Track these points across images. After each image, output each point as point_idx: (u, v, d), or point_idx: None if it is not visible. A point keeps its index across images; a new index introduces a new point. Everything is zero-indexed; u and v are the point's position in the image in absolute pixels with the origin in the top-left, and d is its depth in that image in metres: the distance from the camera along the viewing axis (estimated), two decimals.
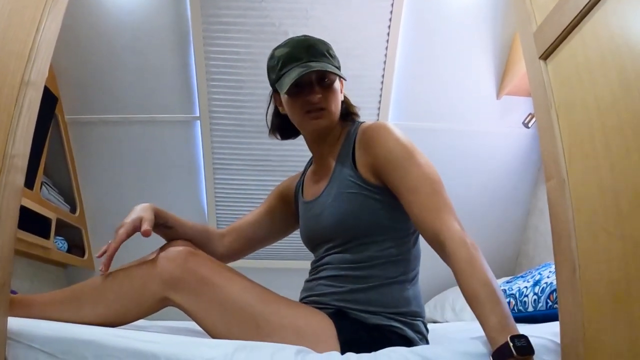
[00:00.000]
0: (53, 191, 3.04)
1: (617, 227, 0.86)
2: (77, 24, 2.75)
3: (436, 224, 1.23)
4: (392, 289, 1.37)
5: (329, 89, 1.45)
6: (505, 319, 1.03)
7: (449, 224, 1.22)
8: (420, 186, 1.29)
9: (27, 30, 1.13)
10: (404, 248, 1.42)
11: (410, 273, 1.43)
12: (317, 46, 1.45)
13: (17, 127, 1.06)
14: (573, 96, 1.00)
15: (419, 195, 1.28)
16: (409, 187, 1.30)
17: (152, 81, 3.00)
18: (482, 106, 3.09)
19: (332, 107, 1.46)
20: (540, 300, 1.80)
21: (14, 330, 1.03)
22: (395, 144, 1.36)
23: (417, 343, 1.34)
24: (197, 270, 1.27)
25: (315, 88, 1.43)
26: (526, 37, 1.17)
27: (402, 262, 1.40)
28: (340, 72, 1.47)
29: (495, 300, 1.07)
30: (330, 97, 1.45)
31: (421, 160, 1.33)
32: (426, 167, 1.32)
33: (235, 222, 1.73)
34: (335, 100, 1.47)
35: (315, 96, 1.42)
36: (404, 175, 1.32)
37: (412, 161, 1.32)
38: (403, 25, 2.80)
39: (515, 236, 3.52)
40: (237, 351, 1.07)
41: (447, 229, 1.21)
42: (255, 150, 3.20)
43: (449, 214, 1.24)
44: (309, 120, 1.45)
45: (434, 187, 1.29)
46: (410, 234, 1.43)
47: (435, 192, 1.28)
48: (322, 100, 1.43)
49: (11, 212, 1.03)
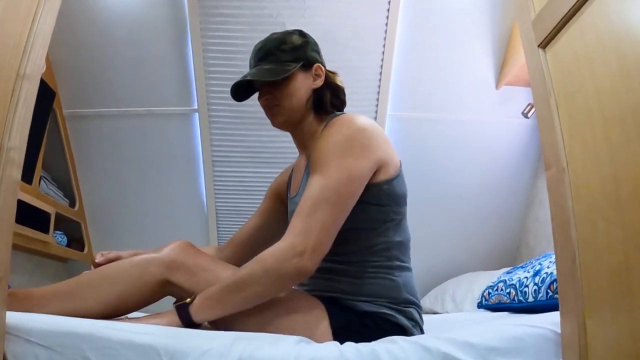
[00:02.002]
0: (52, 185, 3.03)
1: (617, 215, 0.86)
2: (74, 16, 2.73)
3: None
4: (378, 277, 1.39)
5: (280, 86, 1.48)
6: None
7: (290, 229, 1.27)
8: (307, 190, 1.32)
9: (23, 22, 1.12)
10: (383, 237, 1.41)
11: (394, 261, 1.43)
12: (265, 47, 1.50)
13: (13, 120, 1.05)
14: (572, 85, 1.00)
15: (305, 195, 1.31)
16: (309, 183, 1.34)
17: (149, 74, 2.99)
18: (481, 96, 3.08)
19: (285, 103, 1.49)
20: (541, 290, 1.80)
21: (12, 324, 1.03)
22: (335, 136, 1.37)
23: (410, 330, 1.35)
24: (195, 257, 1.36)
25: (265, 89, 1.49)
26: (525, 26, 1.16)
27: (382, 251, 1.41)
28: (284, 67, 1.46)
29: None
30: (282, 94, 1.48)
31: (341, 165, 1.31)
32: (337, 173, 1.31)
33: (235, 233, 1.78)
34: (288, 96, 1.48)
35: (263, 98, 1.50)
36: (311, 174, 1.35)
37: (322, 166, 1.33)
38: (401, 15, 2.78)
39: (515, 226, 3.52)
40: (236, 342, 1.07)
41: (288, 231, 1.27)
42: (254, 142, 3.19)
43: (295, 221, 1.27)
44: (269, 117, 1.53)
45: (315, 193, 1.29)
46: (388, 221, 1.42)
47: (308, 199, 1.29)
48: (271, 100, 1.49)
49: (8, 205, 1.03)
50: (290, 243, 1.22)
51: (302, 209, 1.27)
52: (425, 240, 3.24)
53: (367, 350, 1.11)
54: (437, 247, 3.44)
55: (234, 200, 3.41)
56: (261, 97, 1.51)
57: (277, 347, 1.07)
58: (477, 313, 2.35)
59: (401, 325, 1.34)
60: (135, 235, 3.46)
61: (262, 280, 1.22)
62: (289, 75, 1.46)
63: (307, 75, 1.51)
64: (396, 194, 1.42)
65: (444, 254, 3.51)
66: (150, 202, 3.41)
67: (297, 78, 1.49)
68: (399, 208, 1.45)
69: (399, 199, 1.44)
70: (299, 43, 1.51)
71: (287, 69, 1.45)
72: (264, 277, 1.21)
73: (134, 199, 3.40)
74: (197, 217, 3.47)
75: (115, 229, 3.48)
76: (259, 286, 1.22)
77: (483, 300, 2.33)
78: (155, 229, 3.46)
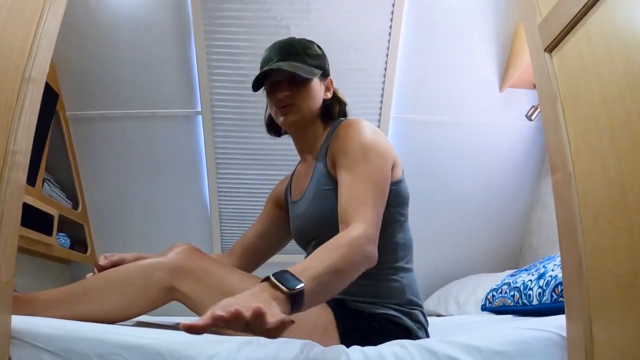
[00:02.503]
0: (55, 187, 3.03)
1: (623, 220, 0.85)
2: (77, 17, 2.73)
3: (350, 210, 1.25)
4: (382, 279, 1.40)
5: (301, 87, 1.50)
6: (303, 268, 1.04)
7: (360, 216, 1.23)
8: (357, 180, 1.31)
9: (28, 26, 1.12)
10: (389, 238, 1.42)
11: (398, 262, 1.44)
12: (292, 46, 1.52)
13: (18, 124, 1.05)
14: (579, 89, 1.00)
15: (352, 185, 1.30)
16: (347, 180, 1.33)
17: (153, 76, 2.99)
18: (485, 99, 3.08)
19: (302, 103, 1.50)
20: (545, 293, 1.79)
21: (18, 328, 1.03)
22: (357, 140, 1.39)
23: (416, 332, 1.35)
24: (201, 261, 1.33)
25: (284, 85, 1.49)
26: (531, 29, 1.16)
27: (388, 253, 1.41)
28: (313, 70, 1.51)
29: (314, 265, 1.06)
30: (301, 94, 1.50)
31: (372, 161, 1.35)
32: (373, 168, 1.34)
33: (237, 241, 1.78)
34: (306, 98, 1.51)
35: (282, 93, 1.49)
36: (351, 167, 1.35)
37: (363, 160, 1.34)
38: (405, 18, 2.79)
39: (518, 228, 3.51)
40: (243, 346, 1.07)
41: (359, 219, 1.22)
42: (258, 144, 3.19)
43: (365, 208, 1.25)
44: (279, 115, 1.53)
45: (369, 184, 1.30)
46: (393, 222, 1.44)
47: (367, 189, 1.29)
48: (289, 98, 1.49)
49: (14, 209, 1.03)
50: (364, 231, 1.19)
51: (366, 198, 1.26)
52: (428, 242, 3.23)
53: (374, 354, 1.11)
54: (440, 248, 3.44)
55: (238, 202, 3.41)
56: (278, 92, 1.50)
57: (284, 352, 1.07)
58: (481, 316, 2.34)
59: (407, 327, 1.34)
60: (138, 237, 3.46)
61: (359, 265, 1.16)
62: (311, 80, 1.51)
63: (322, 85, 1.56)
64: (402, 195, 1.47)
65: (446, 255, 3.51)
66: (153, 204, 3.41)
67: (316, 84, 1.53)
68: (403, 209, 1.48)
69: (404, 200, 1.48)
70: (320, 53, 1.57)
71: (315, 71, 1.51)
72: (362, 262, 1.16)
73: (137, 201, 3.40)
74: (200, 219, 3.47)
75: (118, 231, 3.48)
76: (357, 271, 1.17)
77: (487, 303, 2.33)
78: (158, 231, 3.46)
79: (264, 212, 1.80)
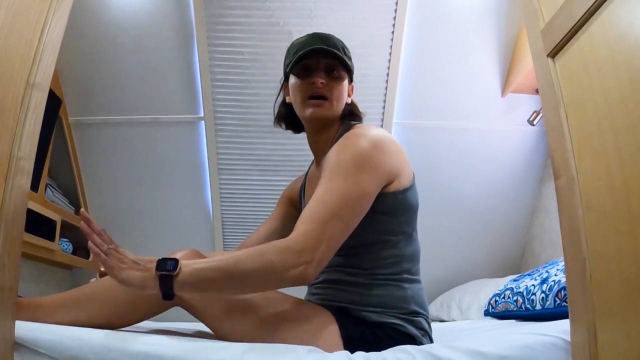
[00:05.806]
0: (58, 193, 3.04)
1: (627, 224, 0.85)
2: (80, 23, 2.74)
3: (300, 224, 1.21)
4: (388, 289, 1.37)
5: (336, 80, 1.46)
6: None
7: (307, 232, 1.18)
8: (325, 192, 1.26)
9: (32, 32, 1.12)
10: (394, 250, 1.40)
11: (405, 273, 1.41)
12: (332, 40, 1.48)
13: (23, 130, 1.06)
14: (582, 94, 1.00)
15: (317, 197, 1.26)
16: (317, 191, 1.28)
17: (156, 82, 3.00)
18: (487, 104, 3.08)
19: (335, 98, 1.47)
20: (548, 298, 1.79)
21: (21, 334, 1.03)
22: (350, 149, 1.32)
23: (420, 339, 1.34)
24: None
25: (322, 74, 1.44)
26: (533, 35, 1.16)
27: (394, 264, 1.39)
28: (350, 64, 1.48)
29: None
30: (335, 88, 1.46)
31: (351, 175, 1.28)
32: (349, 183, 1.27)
33: (248, 237, 1.74)
34: (339, 94, 1.48)
35: (319, 80, 1.43)
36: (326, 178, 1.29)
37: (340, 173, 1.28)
38: (407, 24, 2.79)
39: (520, 233, 3.51)
40: (247, 353, 1.06)
41: (303, 234, 1.18)
42: (260, 150, 3.19)
43: (316, 226, 1.20)
44: (309, 105, 1.46)
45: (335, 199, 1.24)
46: (399, 233, 1.41)
47: (332, 204, 1.23)
48: (325, 87, 1.44)
49: (18, 215, 1.03)
50: (301, 248, 1.16)
51: (316, 215, 1.21)
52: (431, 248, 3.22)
53: (378, 359, 1.10)
54: (442, 254, 3.43)
55: (240, 207, 3.41)
56: (315, 77, 1.44)
57: (288, 358, 1.06)
58: (484, 321, 2.34)
59: (411, 335, 1.33)
60: (141, 243, 3.46)
61: (263, 276, 1.15)
62: (345, 77, 1.50)
63: (347, 87, 1.54)
64: (409, 204, 1.41)
65: (449, 260, 3.50)
66: (156, 209, 3.41)
67: (346, 84, 1.52)
68: (410, 220, 1.43)
69: (411, 210, 1.42)
70: (350, 55, 1.54)
71: (353, 66, 1.50)
72: (266, 275, 1.14)
73: (140, 207, 3.40)
74: (203, 225, 3.47)
75: (121, 236, 3.47)
76: (258, 281, 1.16)
77: (490, 308, 2.32)
78: (161, 236, 3.46)
79: (276, 210, 1.77)
